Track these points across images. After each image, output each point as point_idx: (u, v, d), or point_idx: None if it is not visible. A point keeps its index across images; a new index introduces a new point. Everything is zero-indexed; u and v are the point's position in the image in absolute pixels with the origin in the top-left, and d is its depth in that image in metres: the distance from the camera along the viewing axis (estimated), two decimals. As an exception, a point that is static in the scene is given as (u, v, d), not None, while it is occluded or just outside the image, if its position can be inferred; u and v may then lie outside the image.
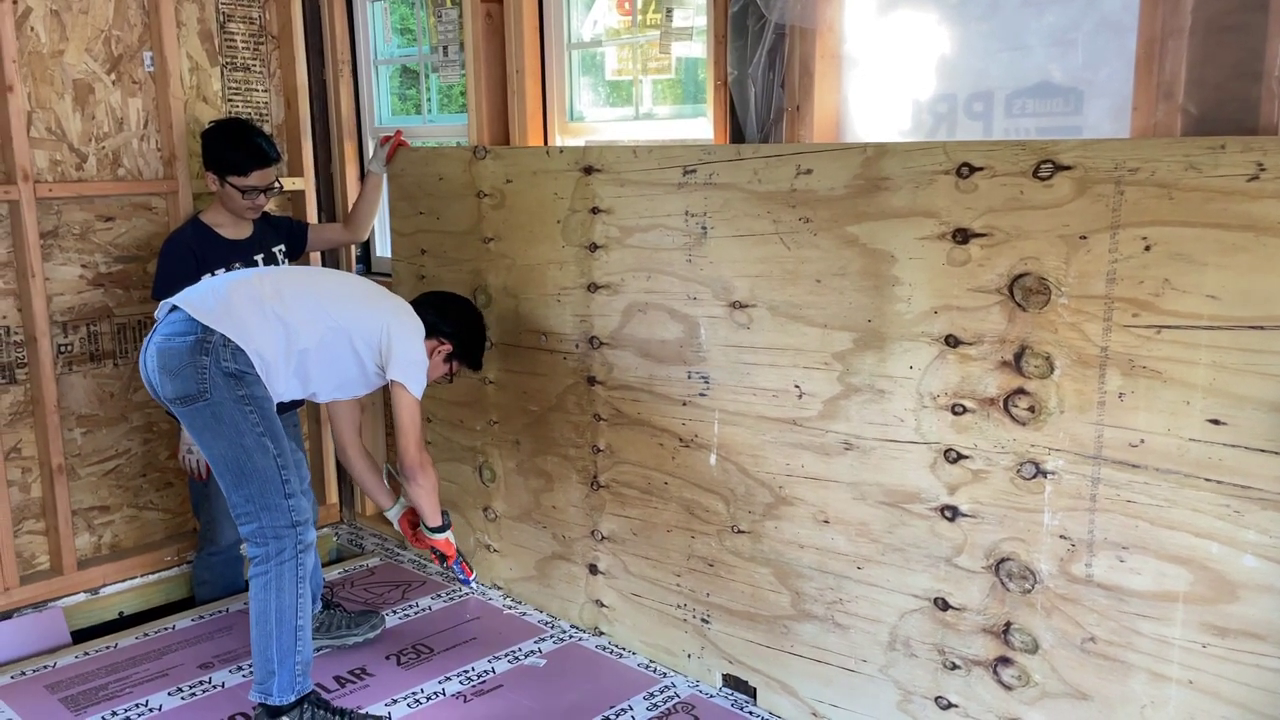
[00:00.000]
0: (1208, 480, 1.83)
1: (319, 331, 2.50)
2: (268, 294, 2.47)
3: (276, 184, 3.13)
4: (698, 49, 2.82)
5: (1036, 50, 2.20)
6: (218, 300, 2.42)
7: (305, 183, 3.68)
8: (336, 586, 3.34)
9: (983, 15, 2.28)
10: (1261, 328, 1.74)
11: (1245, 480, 1.79)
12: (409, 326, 2.65)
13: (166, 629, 3.08)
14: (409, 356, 2.60)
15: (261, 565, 2.40)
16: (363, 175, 3.58)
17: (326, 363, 2.55)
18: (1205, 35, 1.88)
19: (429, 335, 2.69)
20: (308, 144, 3.68)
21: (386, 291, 2.76)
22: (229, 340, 2.35)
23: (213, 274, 3.01)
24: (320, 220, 3.74)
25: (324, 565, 3.39)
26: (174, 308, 2.43)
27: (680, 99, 3.03)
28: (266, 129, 3.56)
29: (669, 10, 2.79)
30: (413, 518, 2.94)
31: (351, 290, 2.68)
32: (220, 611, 3.19)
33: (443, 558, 2.90)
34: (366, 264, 3.88)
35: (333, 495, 3.92)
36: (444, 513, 2.86)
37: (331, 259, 3.80)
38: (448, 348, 2.76)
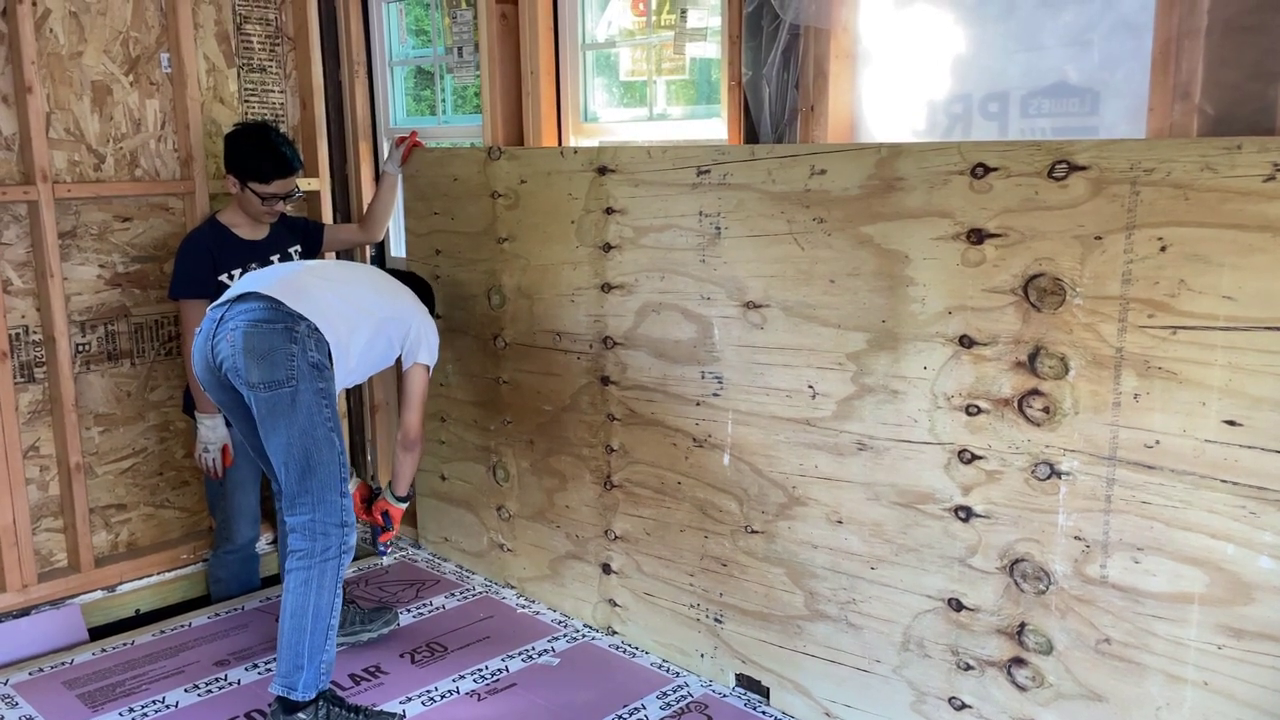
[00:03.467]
0: (1223, 481, 1.82)
1: (374, 324, 2.65)
2: (335, 287, 2.60)
3: (296, 191, 3.15)
4: (712, 50, 2.83)
5: (1053, 50, 2.20)
6: (295, 289, 2.49)
7: (320, 183, 3.70)
8: (351, 585, 3.36)
9: (999, 15, 2.28)
10: (1278, 329, 1.73)
11: (1261, 481, 1.78)
12: (426, 314, 2.84)
13: (182, 626, 3.10)
14: (432, 342, 2.80)
15: (304, 560, 2.41)
16: (378, 176, 3.60)
17: (369, 351, 2.67)
18: (1222, 36, 1.88)
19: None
20: (323, 145, 3.70)
21: (397, 280, 2.90)
22: (315, 329, 2.43)
23: (230, 275, 3.04)
24: (335, 221, 3.76)
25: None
26: (246, 295, 2.47)
27: (694, 99, 3.04)
28: (282, 129, 3.58)
29: (683, 11, 2.79)
30: (364, 492, 3.01)
31: (379, 282, 2.83)
32: (236, 609, 3.21)
33: (388, 525, 2.95)
34: (381, 264, 3.90)
35: (347, 494, 3.94)
36: (412, 487, 3.00)
37: (346, 259, 3.82)
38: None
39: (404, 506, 2.96)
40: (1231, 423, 1.80)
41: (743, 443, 2.55)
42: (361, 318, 2.60)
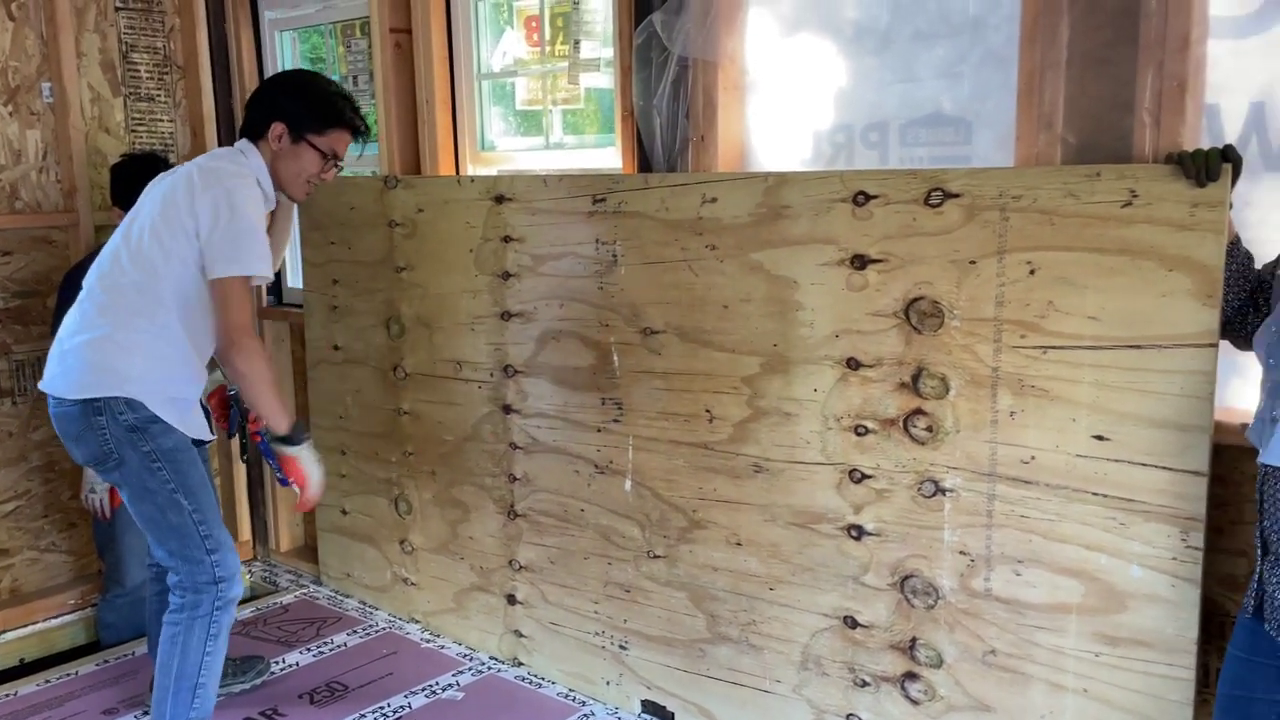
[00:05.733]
0: (1094, 494, 1.90)
1: (174, 296, 2.28)
2: (108, 324, 2.26)
3: None
4: (605, 80, 2.86)
5: (927, 82, 2.28)
6: (74, 359, 2.27)
7: (214, 214, 3.62)
8: (249, 625, 3.26)
9: (876, 49, 2.35)
10: (1138, 346, 1.82)
11: (1129, 494, 1.86)
12: (219, 191, 2.24)
13: (69, 675, 2.97)
14: (235, 230, 2.22)
15: (176, 615, 2.35)
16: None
17: (194, 323, 2.33)
18: (1081, 68, 1.97)
19: (255, 139, 2.39)
20: (216, 174, 3.62)
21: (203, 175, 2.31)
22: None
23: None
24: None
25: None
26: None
27: (594, 128, 3.07)
28: (173, 159, 3.50)
29: (576, 42, 2.82)
30: (220, 396, 2.58)
31: (148, 223, 2.33)
32: (126, 655, 3.09)
33: (283, 480, 2.41)
34: (278, 295, 3.83)
35: (245, 532, 3.83)
36: (297, 422, 2.34)
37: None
38: (281, 127, 2.37)
39: (295, 452, 2.36)
40: (1100, 438, 1.88)
41: (643, 468, 2.56)
42: (148, 325, 2.25)
